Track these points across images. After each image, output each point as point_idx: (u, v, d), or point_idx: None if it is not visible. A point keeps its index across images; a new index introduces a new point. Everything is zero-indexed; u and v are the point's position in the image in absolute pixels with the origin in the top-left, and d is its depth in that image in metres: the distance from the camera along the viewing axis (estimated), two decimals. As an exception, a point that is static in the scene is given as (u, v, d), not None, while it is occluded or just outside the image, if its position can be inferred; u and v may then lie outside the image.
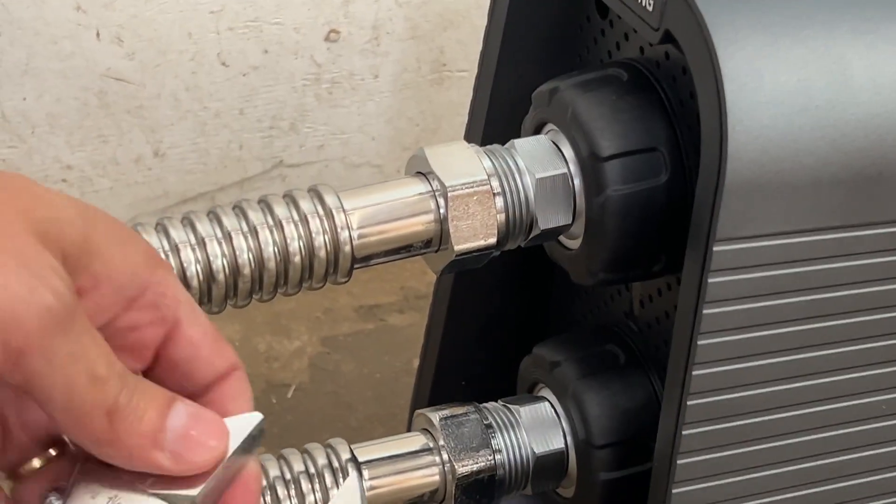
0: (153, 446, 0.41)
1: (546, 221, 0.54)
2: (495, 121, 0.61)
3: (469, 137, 0.61)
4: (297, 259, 0.51)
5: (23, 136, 0.91)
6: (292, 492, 0.56)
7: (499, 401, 0.60)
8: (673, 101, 0.53)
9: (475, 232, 0.53)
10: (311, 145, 0.95)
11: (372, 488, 0.57)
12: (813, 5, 0.50)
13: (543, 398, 0.60)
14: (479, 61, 0.62)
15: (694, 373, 0.50)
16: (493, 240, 0.53)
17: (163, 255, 0.49)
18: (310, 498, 0.56)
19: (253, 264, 0.51)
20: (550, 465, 0.59)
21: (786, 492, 0.54)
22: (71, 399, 0.39)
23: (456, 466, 0.57)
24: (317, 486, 0.56)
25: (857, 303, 0.52)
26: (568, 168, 0.54)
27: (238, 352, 0.90)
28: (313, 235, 0.51)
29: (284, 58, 0.92)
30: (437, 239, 0.53)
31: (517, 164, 0.54)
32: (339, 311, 0.66)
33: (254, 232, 0.51)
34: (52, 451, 0.44)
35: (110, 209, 0.58)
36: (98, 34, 0.87)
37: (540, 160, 0.54)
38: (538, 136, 0.55)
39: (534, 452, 0.58)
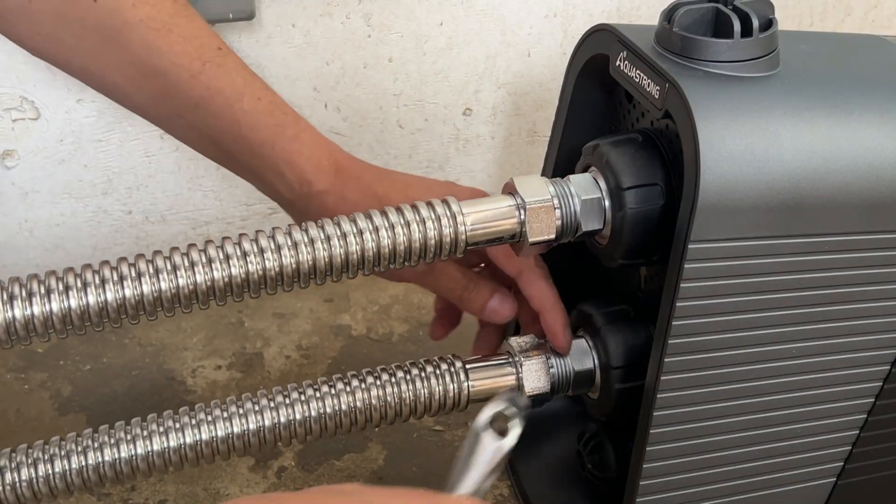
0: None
1: (586, 226, 0.54)
2: (560, 164, 0.61)
3: (543, 174, 0.61)
4: (433, 242, 0.52)
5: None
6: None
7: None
8: (669, 155, 0.53)
9: (542, 230, 0.53)
10: (451, 178, 0.96)
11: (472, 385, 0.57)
12: (757, 97, 0.50)
13: (582, 336, 0.60)
14: (552, 129, 0.62)
15: (673, 323, 0.50)
16: (552, 236, 0.53)
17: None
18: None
19: (406, 243, 0.51)
20: (584, 379, 0.59)
21: (730, 400, 0.53)
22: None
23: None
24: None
25: (777, 284, 0.51)
26: (602, 194, 0.54)
27: (401, 302, 0.90)
28: (443, 228, 0.52)
29: (437, 124, 0.93)
30: (518, 234, 0.53)
31: (570, 190, 0.54)
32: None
33: (408, 224, 0.52)
34: None
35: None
36: (326, 105, 0.89)
37: (585, 188, 0.54)
38: (584, 174, 0.55)
39: (574, 370, 0.59)
